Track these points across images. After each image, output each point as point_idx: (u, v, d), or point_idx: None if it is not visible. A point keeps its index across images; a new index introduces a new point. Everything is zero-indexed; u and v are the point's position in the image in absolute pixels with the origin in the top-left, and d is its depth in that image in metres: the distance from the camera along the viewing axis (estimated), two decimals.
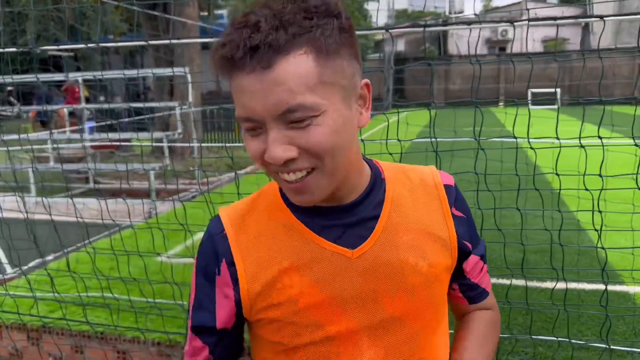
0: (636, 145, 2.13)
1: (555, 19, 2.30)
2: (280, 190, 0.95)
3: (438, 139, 2.26)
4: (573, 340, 2.53)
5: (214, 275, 0.93)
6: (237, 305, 0.93)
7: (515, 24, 2.31)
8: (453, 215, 0.96)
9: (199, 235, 4.12)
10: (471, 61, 2.26)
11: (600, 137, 2.17)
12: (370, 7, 28.50)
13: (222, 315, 0.94)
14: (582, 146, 2.14)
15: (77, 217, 2.96)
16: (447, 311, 1.01)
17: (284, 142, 0.78)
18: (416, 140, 4.06)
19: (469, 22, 2.38)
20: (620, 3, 26.87)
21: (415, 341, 0.92)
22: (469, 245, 0.99)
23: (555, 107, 2.49)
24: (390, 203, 0.93)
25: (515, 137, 2.28)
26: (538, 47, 29.48)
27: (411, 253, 0.91)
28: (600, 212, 2.18)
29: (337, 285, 0.89)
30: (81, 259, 3.92)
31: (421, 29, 2.46)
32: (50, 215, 3.01)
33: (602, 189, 2.15)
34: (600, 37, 2.22)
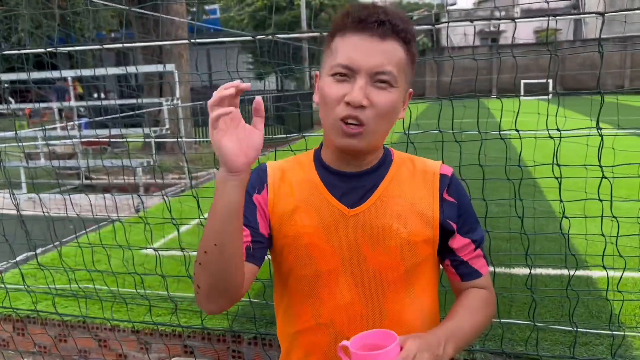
0: (600, 135, 2.22)
1: (553, 15, 2.24)
2: (315, 155, 1.22)
3: (426, 132, 2.41)
4: (538, 324, 2.63)
5: (255, 193, 1.19)
6: (268, 219, 1.18)
7: (516, 20, 2.25)
8: (443, 198, 1.17)
9: (185, 228, 4.21)
10: (474, 58, 2.31)
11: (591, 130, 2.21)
12: (362, 0, 28.49)
13: (261, 222, 1.17)
14: (552, 136, 2.21)
15: (66, 212, 3.04)
16: (426, 283, 1.18)
17: (365, 92, 1.04)
18: (411, 132, 4.12)
19: (471, 20, 2.38)
20: None
21: (383, 293, 1.13)
22: (453, 225, 1.18)
23: (547, 97, 2.55)
24: (391, 179, 1.17)
25: (500, 132, 2.36)
26: (531, 38, 29.51)
27: (395, 220, 1.13)
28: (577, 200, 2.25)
29: (333, 233, 1.13)
30: (67, 253, 4.00)
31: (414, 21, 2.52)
32: (42, 211, 3.09)
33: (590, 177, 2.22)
34: (600, 29, 2.07)
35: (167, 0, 8.80)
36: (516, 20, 2.15)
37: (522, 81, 22.10)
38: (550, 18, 2.07)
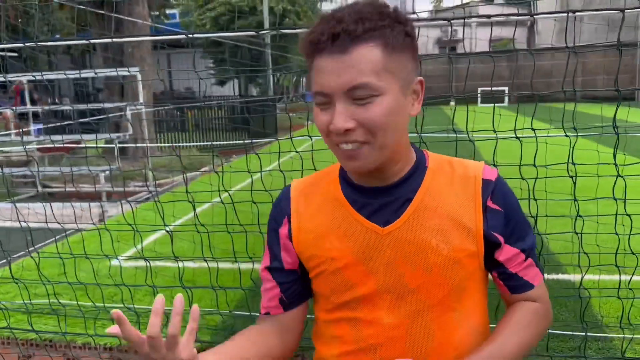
0: (567, 136, 2.25)
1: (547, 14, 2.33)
2: (340, 171, 1.13)
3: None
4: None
5: (277, 228, 1.15)
6: (295, 252, 1.13)
7: (520, 18, 2.31)
8: (487, 207, 1.06)
9: (152, 238, 4.07)
10: (471, 58, 2.29)
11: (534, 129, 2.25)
12: (324, 7, 28.60)
13: (287, 258, 1.14)
14: (517, 137, 2.22)
15: (20, 222, 2.87)
16: (479, 300, 1.10)
17: (347, 115, 0.95)
18: None
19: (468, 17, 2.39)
20: (562, 3, 27.91)
21: (428, 315, 1.05)
22: (499, 237, 1.07)
23: (504, 104, 2.57)
24: (427, 189, 1.06)
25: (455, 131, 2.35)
26: (486, 47, 30.23)
27: (434, 236, 1.03)
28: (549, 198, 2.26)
29: (368, 255, 1.05)
30: (27, 266, 3.79)
31: None
32: None
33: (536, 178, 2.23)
34: (579, 34, 2.14)
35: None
36: (535, 15, 2.16)
37: (479, 88, 22.62)
38: (570, 14, 2.08)
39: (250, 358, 1.08)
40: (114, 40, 2.60)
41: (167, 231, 2.69)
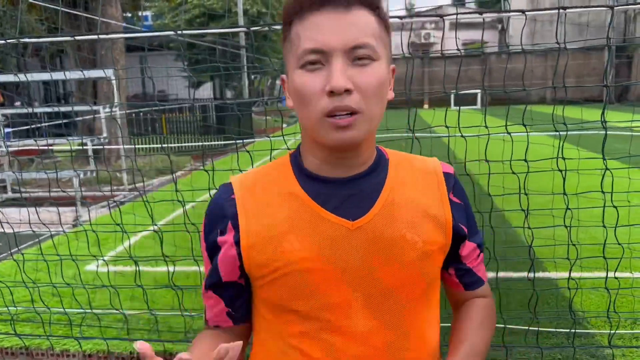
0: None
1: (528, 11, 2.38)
2: (291, 160, 1.03)
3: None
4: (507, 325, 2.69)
5: (218, 237, 1.00)
6: (239, 258, 0.98)
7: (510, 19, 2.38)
8: (450, 200, 1.03)
9: (131, 241, 4.00)
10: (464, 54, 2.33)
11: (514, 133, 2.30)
12: None
13: (225, 269, 0.99)
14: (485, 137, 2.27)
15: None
16: (438, 294, 1.06)
17: (346, 74, 0.88)
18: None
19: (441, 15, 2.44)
20: (533, 4, 28.46)
21: (404, 314, 0.98)
22: (465, 229, 1.04)
23: (476, 107, 2.63)
24: (392, 182, 1.00)
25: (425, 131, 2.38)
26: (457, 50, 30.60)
27: (408, 229, 0.97)
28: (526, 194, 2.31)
29: (337, 254, 0.95)
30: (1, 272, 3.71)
31: None
32: None
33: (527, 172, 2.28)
34: (549, 37, 2.29)
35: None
36: (526, 12, 2.20)
37: (452, 92, 22.89)
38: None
39: None
40: (100, 36, 2.56)
41: (155, 231, 2.67)
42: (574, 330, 2.73)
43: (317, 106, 0.89)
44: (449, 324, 1.12)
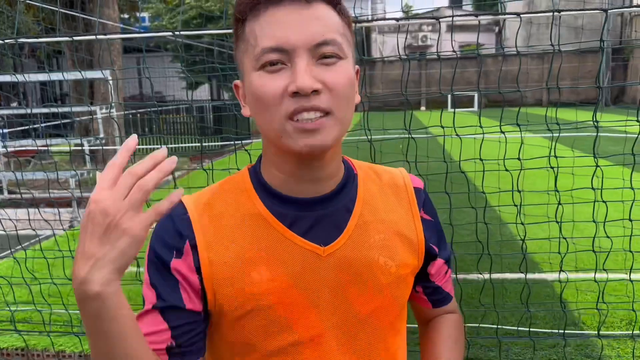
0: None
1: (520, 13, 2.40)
2: (251, 176, 0.92)
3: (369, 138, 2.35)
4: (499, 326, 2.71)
5: (172, 259, 0.85)
6: (202, 289, 0.86)
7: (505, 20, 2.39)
8: (422, 218, 0.97)
9: None
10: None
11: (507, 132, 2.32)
12: None
13: (188, 296, 0.85)
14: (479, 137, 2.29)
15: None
16: (407, 316, 1.01)
17: (312, 73, 0.79)
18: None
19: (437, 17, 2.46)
20: (530, 7, 28.55)
21: (380, 342, 0.92)
22: (436, 248, 0.99)
23: (473, 109, 2.65)
24: (363, 200, 0.92)
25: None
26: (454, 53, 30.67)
27: (382, 253, 0.90)
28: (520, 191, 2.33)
29: (308, 283, 0.86)
30: None
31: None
32: None
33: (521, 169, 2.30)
34: (544, 40, 2.33)
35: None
36: (522, 15, 2.22)
37: (449, 94, 22.96)
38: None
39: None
40: (98, 37, 2.57)
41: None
42: (564, 323, 2.75)
43: (279, 109, 0.79)
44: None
